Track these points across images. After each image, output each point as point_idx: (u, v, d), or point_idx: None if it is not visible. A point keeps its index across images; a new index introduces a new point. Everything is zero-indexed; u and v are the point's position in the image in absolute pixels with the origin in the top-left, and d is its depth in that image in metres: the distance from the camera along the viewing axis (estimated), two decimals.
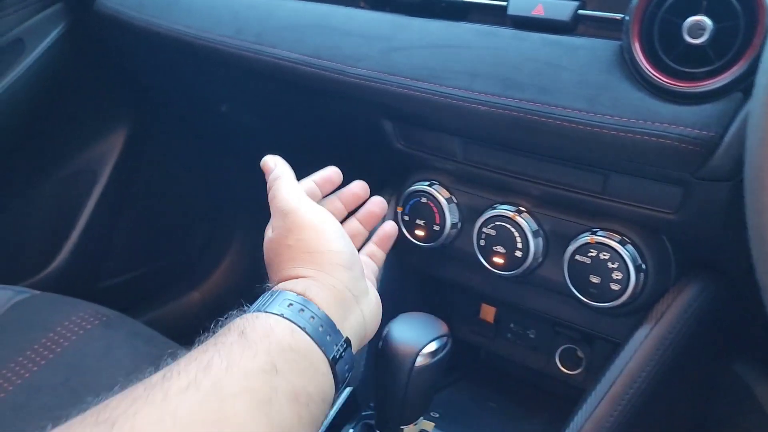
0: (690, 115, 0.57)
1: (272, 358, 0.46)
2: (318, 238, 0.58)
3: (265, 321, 0.49)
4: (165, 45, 0.98)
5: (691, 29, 0.56)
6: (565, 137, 0.63)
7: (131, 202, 1.39)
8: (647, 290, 0.69)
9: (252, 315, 0.50)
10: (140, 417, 0.39)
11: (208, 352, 0.45)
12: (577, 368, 0.85)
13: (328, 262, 0.57)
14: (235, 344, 0.46)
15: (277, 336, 0.48)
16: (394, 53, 0.74)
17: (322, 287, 0.54)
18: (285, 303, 0.51)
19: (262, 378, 0.44)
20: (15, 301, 0.90)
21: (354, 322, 0.56)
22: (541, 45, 0.66)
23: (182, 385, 0.41)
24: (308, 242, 0.57)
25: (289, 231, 0.58)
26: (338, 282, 0.56)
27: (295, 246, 0.58)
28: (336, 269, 0.57)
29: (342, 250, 0.58)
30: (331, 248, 0.57)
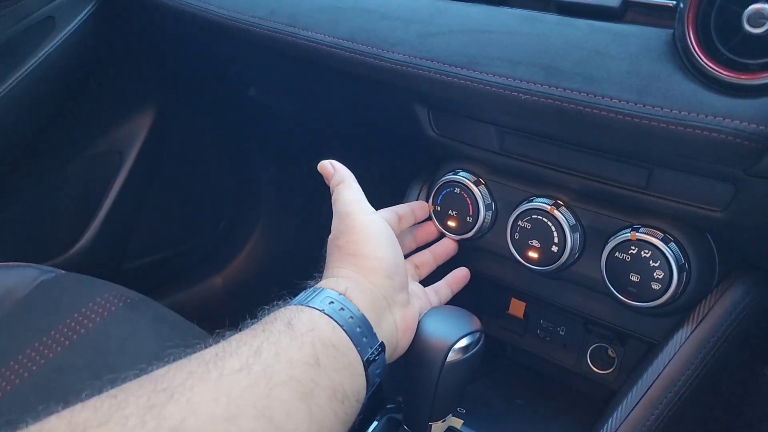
0: (746, 109, 0.54)
1: (316, 351, 0.47)
2: (365, 243, 0.60)
3: (310, 315, 0.51)
4: (196, 26, 0.97)
5: (751, 18, 0.53)
6: (611, 129, 0.60)
7: (156, 184, 1.39)
8: (689, 290, 0.66)
9: (296, 308, 0.52)
10: (197, 391, 0.40)
11: (257, 337, 0.47)
12: (609, 368, 0.83)
13: (369, 267, 0.59)
14: (283, 333, 0.47)
15: (320, 330, 0.49)
16: (432, 38, 0.72)
17: (359, 290, 0.56)
18: (326, 300, 0.53)
19: (306, 370, 0.46)
20: (41, 280, 0.90)
21: (387, 328, 0.58)
22: (587, 32, 0.63)
23: (235, 367, 0.43)
24: (355, 245, 0.60)
25: (341, 232, 0.61)
26: (375, 288, 0.58)
27: (344, 247, 0.60)
28: (376, 275, 0.59)
29: (385, 257, 0.60)
30: (375, 254, 0.60)
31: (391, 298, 0.59)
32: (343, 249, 0.60)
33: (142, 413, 0.37)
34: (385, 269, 0.59)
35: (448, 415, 0.66)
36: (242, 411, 0.40)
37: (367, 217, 0.62)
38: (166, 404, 0.38)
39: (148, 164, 1.34)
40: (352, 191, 0.64)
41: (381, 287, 0.58)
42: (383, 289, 0.59)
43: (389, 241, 0.62)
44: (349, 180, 0.65)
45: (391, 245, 0.62)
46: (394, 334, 0.59)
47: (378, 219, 0.62)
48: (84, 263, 1.26)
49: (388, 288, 0.59)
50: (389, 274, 0.59)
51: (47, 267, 0.94)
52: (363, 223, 0.61)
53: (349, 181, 0.65)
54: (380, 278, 0.59)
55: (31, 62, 1.10)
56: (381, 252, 0.60)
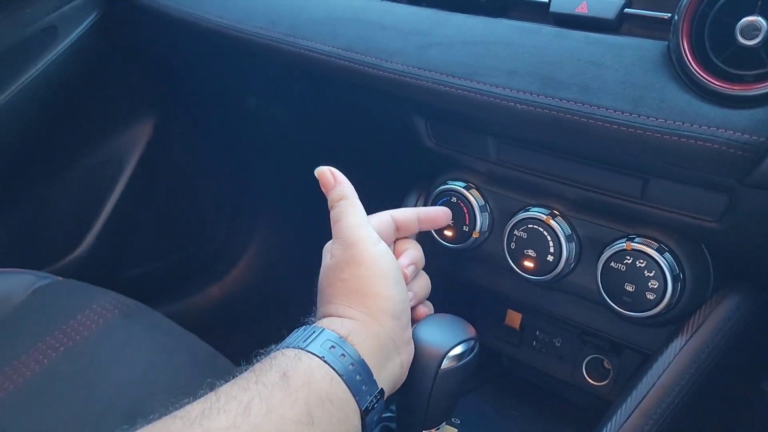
0: (739, 120, 0.55)
1: (310, 408, 0.46)
2: (374, 279, 0.55)
3: (308, 365, 0.48)
4: (197, 35, 0.98)
5: (744, 30, 0.54)
6: (607, 139, 0.61)
7: (155, 193, 1.39)
8: (684, 301, 0.67)
9: (294, 354, 0.49)
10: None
11: (249, 391, 0.45)
12: (604, 379, 0.83)
13: (377, 308, 0.55)
14: (276, 387, 0.45)
15: (317, 384, 0.47)
16: (431, 49, 0.72)
17: (366, 334, 0.53)
18: (327, 344, 0.50)
19: (298, 429, 0.44)
20: (37, 286, 0.90)
21: (390, 371, 0.55)
22: (584, 43, 0.64)
23: (221, 426, 0.41)
24: (363, 281, 0.55)
25: (346, 264, 0.56)
26: (383, 330, 0.54)
27: (350, 281, 0.55)
28: (384, 316, 0.55)
29: (394, 297, 0.56)
30: (385, 293, 0.55)
31: (398, 339, 0.56)
32: (348, 283, 0.55)
33: None
34: (393, 309, 0.55)
35: (442, 424, 0.65)
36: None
37: (375, 249, 0.56)
38: None
39: (147, 173, 1.34)
40: (356, 213, 0.58)
41: (390, 329, 0.55)
42: (392, 331, 0.55)
43: (397, 276, 0.57)
44: (352, 197, 0.60)
45: (399, 281, 0.57)
46: (398, 374, 0.56)
47: (386, 251, 0.57)
48: (82, 270, 1.26)
49: (397, 329, 0.55)
50: (397, 315, 0.56)
51: (44, 273, 0.94)
52: (372, 256, 0.56)
53: (352, 198, 0.60)
54: (389, 320, 0.55)
55: (33, 70, 1.10)
56: (390, 290, 0.55)
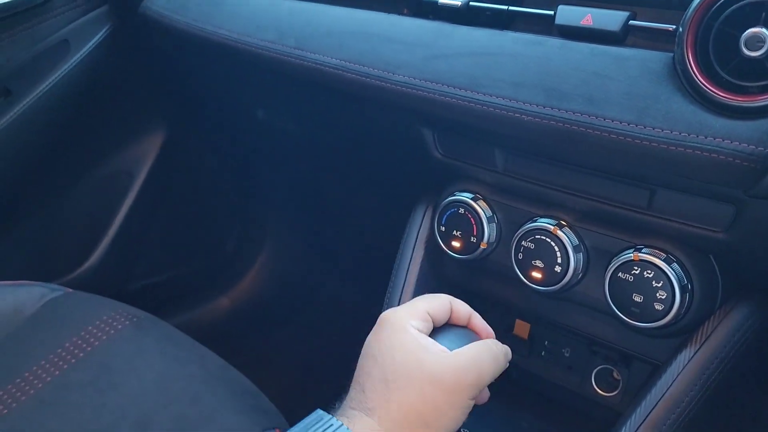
0: (745, 131, 0.55)
1: None
2: (442, 399, 0.54)
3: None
4: (206, 49, 0.99)
5: (749, 42, 0.54)
6: (612, 150, 0.61)
7: (165, 205, 1.40)
8: (692, 311, 0.67)
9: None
10: None
11: None
12: (614, 390, 0.82)
13: (426, 427, 0.54)
14: None
15: None
16: (436, 60, 0.73)
17: (379, 421, 0.53)
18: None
19: None
20: (48, 298, 0.91)
21: None
22: (589, 55, 0.64)
23: None
24: (435, 411, 0.54)
25: (441, 385, 0.54)
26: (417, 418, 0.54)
27: (424, 401, 0.54)
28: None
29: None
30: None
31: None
32: (421, 402, 0.54)
33: None
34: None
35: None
36: None
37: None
38: None
39: (157, 185, 1.35)
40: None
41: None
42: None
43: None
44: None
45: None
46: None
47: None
48: (92, 282, 1.27)
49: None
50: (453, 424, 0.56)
51: (55, 285, 0.95)
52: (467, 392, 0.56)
53: None
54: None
55: (45, 84, 1.12)
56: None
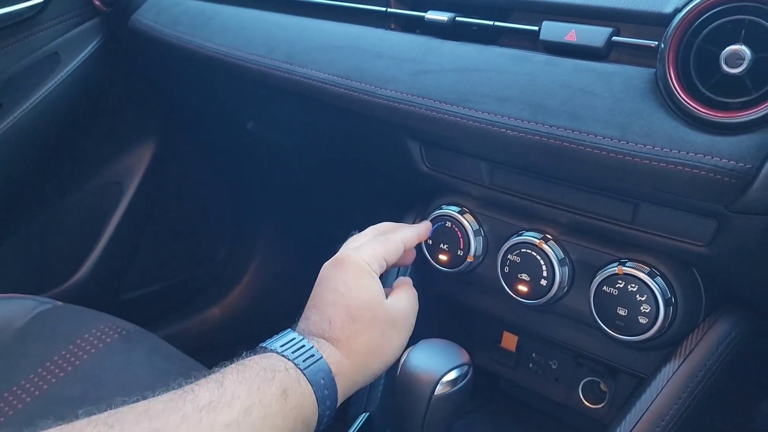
0: (725, 146, 0.55)
1: (295, 425, 0.53)
2: (397, 337, 0.64)
3: (303, 391, 0.54)
4: (196, 62, 0.99)
5: (728, 58, 0.55)
6: (596, 165, 0.61)
7: (156, 216, 1.40)
8: (676, 324, 0.67)
9: (295, 375, 0.54)
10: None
11: (251, 395, 0.50)
12: (601, 402, 0.83)
13: (381, 360, 0.63)
14: (275, 400, 0.51)
15: (305, 409, 0.54)
16: (423, 76, 0.74)
17: (350, 382, 0.60)
18: (320, 375, 0.56)
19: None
20: (37, 311, 0.91)
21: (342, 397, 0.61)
22: (573, 71, 0.65)
23: (225, 421, 0.47)
24: (389, 345, 0.63)
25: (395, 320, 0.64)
26: (366, 378, 0.62)
27: (382, 338, 0.63)
28: (374, 374, 0.62)
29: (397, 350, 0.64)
30: (391, 350, 0.64)
31: (380, 366, 0.63)
32: (380, 323, 0.62)
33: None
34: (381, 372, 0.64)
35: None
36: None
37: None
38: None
39: (147, 196, 1.35)
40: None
41: (371, 377, 0.63)
42: (372, 377, 0.63)
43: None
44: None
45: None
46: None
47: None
48: (82, 294, 1.27)
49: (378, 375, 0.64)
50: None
51: (44, 298, 0.95)
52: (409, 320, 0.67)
53: None
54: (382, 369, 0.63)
55: (35, 97, 1.12)
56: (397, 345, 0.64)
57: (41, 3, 1.10)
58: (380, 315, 0.62)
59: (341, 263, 0.64)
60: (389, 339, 0.63)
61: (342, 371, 0.58)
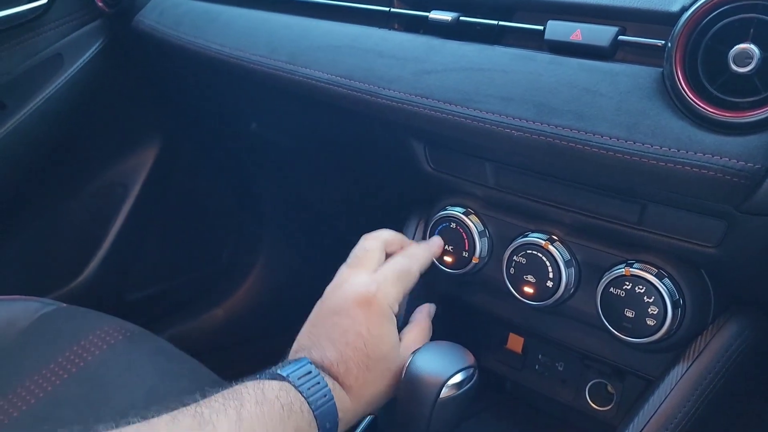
0: (734, 146, 0.55)
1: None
2: (387, 359, 0.65)
3: (303, 417, 0.56)
4: (199, 62, 0.99)
5: (737, 57, 0.54)
6: (602, 166, 0.61)
7: (160, 217, 1.40)
8: (684, 326, 0.66)
9: (299, 404, 0.56)
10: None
11: (262, 417, 0.52)
12: (608, 404, 0.82)
13: (379, 404, 0.67)
14: (277, 419, 0.53)
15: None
16: (427, 76, 0.73)
17: (352, 414, 0.63)
18: (326, 419, 0.58)
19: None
20: (41, 313, 0.91)
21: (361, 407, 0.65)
22: (578, 70, 0.64)
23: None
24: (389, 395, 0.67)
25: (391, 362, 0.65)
26: (367, 410, 0.66)
27: (388, 389, 0.66)
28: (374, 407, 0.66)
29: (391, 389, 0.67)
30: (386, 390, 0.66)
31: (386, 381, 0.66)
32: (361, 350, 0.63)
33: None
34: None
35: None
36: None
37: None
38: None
39: (151, 197, 1.35)
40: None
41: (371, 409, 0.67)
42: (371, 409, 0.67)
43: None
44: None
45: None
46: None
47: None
48: (87, 295, 1.27)
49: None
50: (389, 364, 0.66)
51: (48, 300, 0.95)
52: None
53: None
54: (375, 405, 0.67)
55: (39, 98, 1.12)
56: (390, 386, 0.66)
57: (44, 4, 1.10)
58: (393, 366, 0.64)
59: (369, 304, 0.63)
60: (394, 387, 0.65)
61: (345, 417, 0.61)
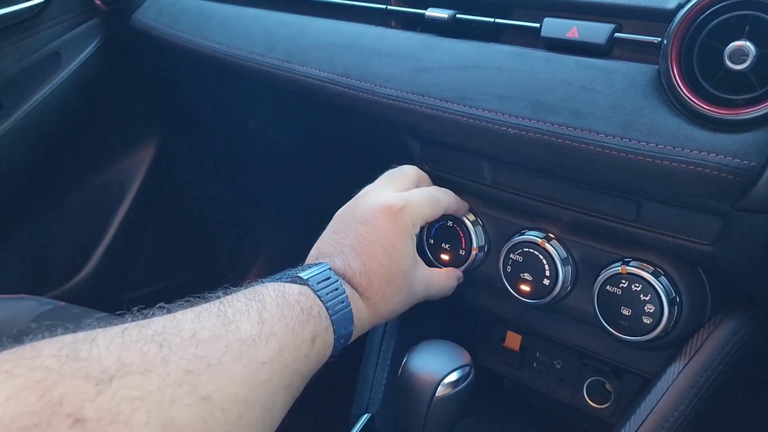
0: (730, 144, 0.55)
1: (314, 369, 0.55)
2: (407, 275, 0.65)
3: (326, 339, 0.56)
4: (196, 61, 0.99)
5: (732, 55, 0.54)
6: (598, 163, 0.61)
7: (158, 215, 1.40)
8: (681, 324, 0.66)
9: (325, 319, 0.56)
10: (229, 370, 0.45)
11: (287, 335, 0.51)
12: (606, 402, 0.82)
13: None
14: (305, 346, 0.53)
15: (325, 354, 0.56)
16: (423, 73, 0.73)
17: (363, 328, 0.62)
18: (342, 326, 0.58)
19: (301, 380, 0.53)
20: (38, 312, 0.90)
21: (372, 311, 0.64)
22: (574, 68, 0.64)
23: (261, 358, 0.48)
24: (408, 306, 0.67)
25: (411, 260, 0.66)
26: (383, 315, 0.64)
27: (405, 301, 0.66)
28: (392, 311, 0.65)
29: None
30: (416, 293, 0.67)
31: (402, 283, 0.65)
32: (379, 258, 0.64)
33: (181, 374, 0.42)
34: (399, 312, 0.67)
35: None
36: (256, 398, 0.46)
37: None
38: (202, 373, 0.43)
39: (149, 196, 1.35)
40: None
41: (389, 314, 0.65)
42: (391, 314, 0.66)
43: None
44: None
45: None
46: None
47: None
48: (85, 294, 1.27)
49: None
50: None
51: (46, 299, 0.95)
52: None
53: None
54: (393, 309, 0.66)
55: (36, 96, 1.12)
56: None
57: (42, 3, 1.10)
58: (410, 283, 0.66)
59: (395, 217, 0.65)
60: (407, 304, 0.67)
61: (360, 325, 0.61)
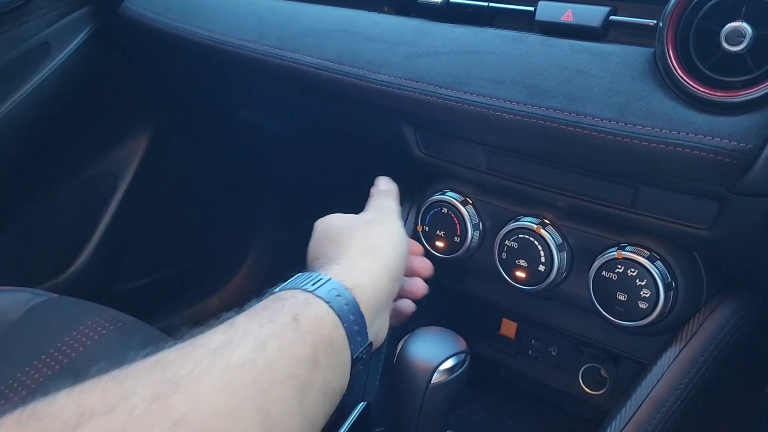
0: (726, 126, 0.54)
1: (317, 351, 0.48)
2: (393, 246, 0.62)
3: (317, 309, 0.51)
4: (187, 49, 0.98)
5: (729, 36, 0.54)
6: (594, 148, 0.60)
7: (151, 206, 1.39)
8: (677, 309, 0.66)
9: (304, 298, 0.51)
10: (202, 383, 0.41)
11: (263, 328, 0.47)
12: (601, 388, 0.82)
13: (385, 268, 0.60)
14: (288, 327, 0.48)
15: (323, 329, 0.50)
16: (417, 59, 0.72)
17: (373, 288, 0.56)
18: (334, 292, 0.52)
19: (305, 368, 0.47)
20: (32, 304, 0.90)
21: (376, 328, 0.57)
22: (569, 52, 0.63)
23: (240, 360, 0.44)
24: (379, 239, 0.62)
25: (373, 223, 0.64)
26: (384, 290, 0.58)
27: (368, 238, 0.62)
28: (390, 276, 0.60)
29: (401, 264, 0.63)
30: (397, 260, 0.62)
31: (390, 299, 0.60)
32: (368, 238, 0.61)
33: (148, 403, 0.38)
34: (397, 273, 0.61)
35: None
36: (243, 406, 0.41)
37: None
38: (172, 395, 0.39)
39: (143, 186, 1.34)
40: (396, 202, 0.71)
41: (389, 290, 0.60)
42: (389, 291, 0.60)
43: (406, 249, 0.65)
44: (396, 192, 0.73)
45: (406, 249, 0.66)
46: (384, 328, 0.60)
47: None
48: (78, 286, 1.26)
49: (393, 291, 0.61)
50: (398, 277, 0.61)
51: (39, 291, 0.94)
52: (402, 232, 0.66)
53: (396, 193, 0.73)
54: (390, 282, 0.60)
55: (26, 87, 1.11)
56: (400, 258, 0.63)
57: None
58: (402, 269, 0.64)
59: (389, 217, 0.67)
60: (394, 290, 0.62)
61: (362, 296, 0.54)
